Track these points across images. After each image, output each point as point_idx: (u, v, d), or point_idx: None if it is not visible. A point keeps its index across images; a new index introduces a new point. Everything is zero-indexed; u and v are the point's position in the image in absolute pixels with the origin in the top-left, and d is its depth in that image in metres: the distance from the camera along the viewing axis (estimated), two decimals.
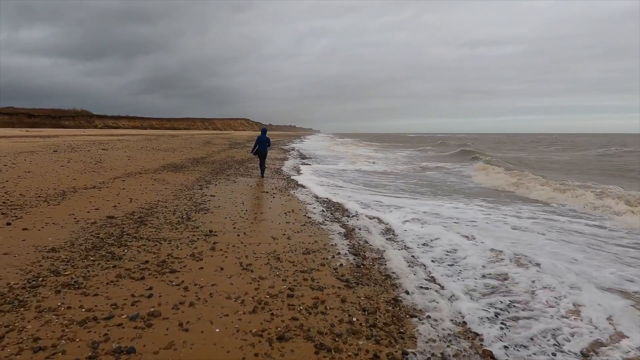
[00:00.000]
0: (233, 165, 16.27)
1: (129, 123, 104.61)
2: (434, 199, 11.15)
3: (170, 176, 11.45)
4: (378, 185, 13.91)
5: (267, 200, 9.02)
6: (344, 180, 14.82)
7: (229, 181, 11.54)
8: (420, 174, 18.48)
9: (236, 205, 8.06)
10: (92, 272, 3.99)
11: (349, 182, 13.95)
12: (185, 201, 7.96)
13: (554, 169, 20.94)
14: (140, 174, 11.18)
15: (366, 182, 14.46)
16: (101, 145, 20.77)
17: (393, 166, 22.23)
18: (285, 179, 13.48)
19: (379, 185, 13.91)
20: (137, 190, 8.57)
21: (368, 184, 13.77)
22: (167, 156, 17.87)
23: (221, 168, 14.84)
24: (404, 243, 6.51)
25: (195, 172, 12.88)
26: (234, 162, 18.16)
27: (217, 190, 9.74)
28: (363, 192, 12.05)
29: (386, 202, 10.25)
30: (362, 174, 17.24)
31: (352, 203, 9.90)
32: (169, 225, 5.99)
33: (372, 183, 14.21)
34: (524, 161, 26.54)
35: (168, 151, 20.85)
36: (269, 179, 13.13)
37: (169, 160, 15.85)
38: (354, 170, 18.49)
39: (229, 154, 23.48)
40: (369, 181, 14.64)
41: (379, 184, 14.20)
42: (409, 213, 9.16)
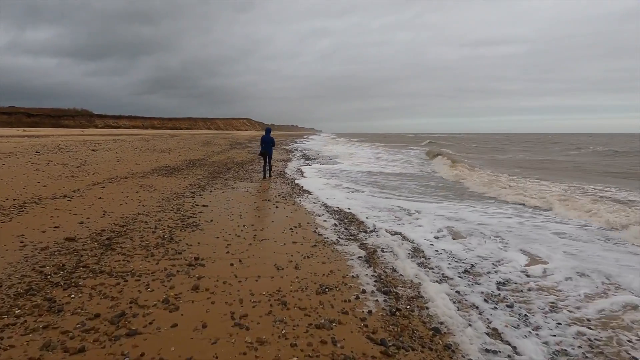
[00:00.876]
0: (232, 168, 14.99)
1: (130, 123, 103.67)
2: (446, 200, 9.92)
3: (160, 181, 10.17)
4: (386, 186, 12.63)
5: (269, 211, 7.71)
6: (352, 181, 13.53)
7: (227, 187, 10.25)
8: (428, 174, 17.14)
9: (232, 218, 6.75)
10: (3, 342, 2.67)
11: (357, 185, 12.64)
12: (172, 214, 6.66)
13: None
14: (125, 179, 9.90)
15: (375, 183, 13.19)
16: (93, 145, 19.53)
17: (401, 167, 20.89)
18: (289, 183, 12.18)
19: (387, 186, 12.63)
20: (115, 200, 7.28)
21: (377, 185, 12.45)
22: (162, 157, 16.60)
23: (219, 171, 13.56)
24: (440, 271, 5.19)
25: (190, 176, 11.59)
26: (234, 164, 16.87)
27: (211, 198, 8.44)
28: (374, 195, 10.74)
29: (403, 206, 9.29)
30: (369, 175, 15.91)
31: (366, 212, 8.65)
32: (143, 250, 4.69)
33: (381, 184, 12.91)
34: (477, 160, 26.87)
35: (164, 152, 19.59)
36: (270, 183, 11.84)
37: (163, 162, 14.57)
38: (361, 172, 17.16)
39: (229, 155, 22.20)
40: (378, 182, 13.34)
41: (386, 185, 12.92)
42: (432, 221, 7.92)
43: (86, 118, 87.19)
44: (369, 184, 13.26)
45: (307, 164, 20.56)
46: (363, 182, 13.65)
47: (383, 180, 14.72)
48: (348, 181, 13.85)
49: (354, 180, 14.32)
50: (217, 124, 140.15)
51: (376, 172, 17.86)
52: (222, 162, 17.37)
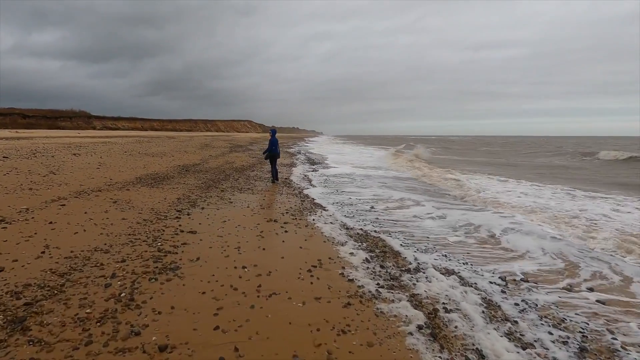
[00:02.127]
0: (231, 175, 13.16)
1: (128, 124, 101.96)
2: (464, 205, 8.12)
3: (142, 194, 8.33)
4: (399, 188, 10.77)
5: (276, 238, 5.88)
6: (365, 188, 11.69)
7: (223, 201, 8.41)
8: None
9: (227, 253, 4.91)
10: None
11: (371, 193, 10.78)
12: (144, 247, 4.82)
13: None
14: (98, 192, 8.07)
15: (390, 187, 11.32)
16: (77, 148, 17.69)
17: (410, 169, 19.05)
18: (297, 194, 10.36)
19: (399, 188, 10.77)
20: (71, 226, 5.44)
21: (393, 191, 10.61)
22: (152, 163, 14.76)
23: (215, 179, 11.73)
24: (552, 355, 3.34)
25: (179, 187, 9.76)
26: (233, 170, 15.04)
27: (202, 219, 6.61)
28: (394, 206, 8.88)
29: (434, 213, 7.31)
30: (382, 180, 14.07)
31: (398, 236, 6.84)
32: (76, 330, 2.85)
33: (397, 188, 11.06)
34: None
35: (156, 156, 17.76)
36: (276, 194, 10.02)
37: (151, 169, 12.74)
38: (373, 177, 15.31)
39: (228, 159, 20.38)
40: (393, 186, 11.49)
41: (397, 187, 11.07)
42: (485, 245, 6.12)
43: (84, 119, 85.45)
44: (388, 189, 11.44)
45: (312, 169, 18.73)
46: (381, 189, 11.82)
47: (395, 183, 12.89)
48: (362, 189, 11.99)
49: (370, 188, 12.47)
50: (217, 126, 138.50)
51: (391, 176, 16.02)
52: (220, 167, 15.55)
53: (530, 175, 18.30)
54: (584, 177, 17.96)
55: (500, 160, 30.59)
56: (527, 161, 30.28)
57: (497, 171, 19.98)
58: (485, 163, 27.59)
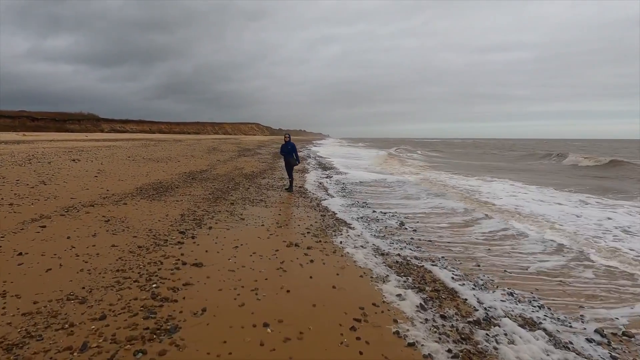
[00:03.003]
0: (241, 183, 12.05)
1: (137, 127, 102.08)
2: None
3: (140, 209, 7.24)
4: (421, 197, 9.50)
5: (301, 272, 4.70)
6: (387, 199, 10.42)
7: (233, 217, 7.28)
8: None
9: (243, 301, 3.74)
10: None
11: (396, 203, 9.53)
12: (134, 293, 3.68)
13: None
14: (90, 207, 6.99)
15: (412, 196, 10.05)
16: (79, 153, 16.75)
17: (423, 171, 17.73)
18: (315, 206, 9.20)
19: (421, 197, 9.50)
20: (46, 257, 4.33)
21: (417, 200, 9.34)
22: (156, 169, 13.73)
23: (224, 189, 10.62)
24: None
25: (184, 199, 8.66)
26: (242, 176, 13.94)
27: (209, 244, 5.47)
28: (425, 221, 7.60)
29: (473, 230, 5.94)
30: (401, 187, 12.80)
31: (443, 264, 5.64)
32: None
33: (419, 196, 9.78)
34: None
35: (161, 161, 16.75)
36: (292, 207, 8.87)
37: (155, 177, 11.68)
38: (390, 183, 14.04)
39: (237, 164, 19.31)
40: (414, 194, 10.20)
41: (419, 195, 9.79)
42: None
43: (92, 122, 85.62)
44: (418, 199, 10.19)
45: (326, 175, 17.54)
46: (409, 199, 10.58)
47: (418, 189, 11.62)
48: (387, 199, 10.74)
49: (396, 198, 11.23)
50: (225, 129, 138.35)
51: (413, 182, 14.76)
52: (229, 174, 14.46)
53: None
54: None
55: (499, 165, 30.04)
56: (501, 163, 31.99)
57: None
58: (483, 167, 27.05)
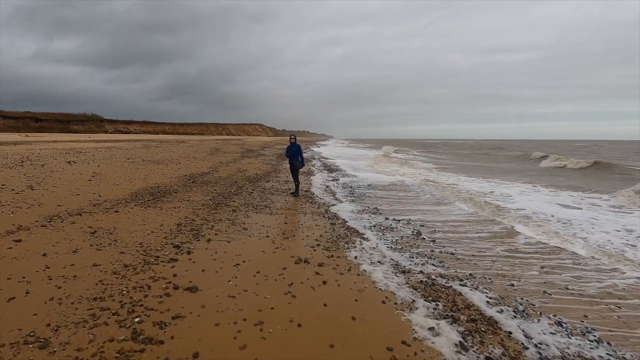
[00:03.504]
0: (244, 187, 11.38)
1: (140, 128, 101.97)
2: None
3: (133, 218, 6.57)
4: (430, 202, 8.74)
5: (314, 299, 3.99)
6: (398, 203, 9.68)
7: (235, 227, 6.60)
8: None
9: (245, 341, 3.02)
10: None
11: (407, 209, 8.78)
12: (110, 332, 2.99)
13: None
14: (78, 215, 6.33)
15: (420, 199, 9.29)
16: (76, 155, 16.15)
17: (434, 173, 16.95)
18: (324, 213, 8.50)
19: (428, 202, 8.73)
20: (12, 281, 3.65)
21: (425, 206, 8.58)
22: (155, 172, 13.10)
23: (226, 193, 9.95)
24: None
25: (183, 205, 8.00)
26: (245, 180, 13.28)
27: (206, 261, 4.78)
28: (443, 229, 6.84)
29: (494, 246, 5.17)
30: (409, 189, 12.05)
31: (474, 284, 4.93)
32: None
33: (427, 201, 9.01)
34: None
35: (161, 163, 16.13)
36: (299, 214, 8.18)
37: (153, 180, 11.04)
38: (398, 185, 13.28)
39: (240, 165, 18.67)
40: (424, 199, 9.42)
41: (426, 200, 9.02)
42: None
43: (96, 123, 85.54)
44: (433, 205, 9.43)
45: (333, 178, 16.83)
46: (422, 203, 9.84)
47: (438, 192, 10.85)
48: (399, 203, 10.02)
49: (411, 202, 10.50)
50: (229, 130, 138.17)
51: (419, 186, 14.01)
52: (231, 177, 13.80)
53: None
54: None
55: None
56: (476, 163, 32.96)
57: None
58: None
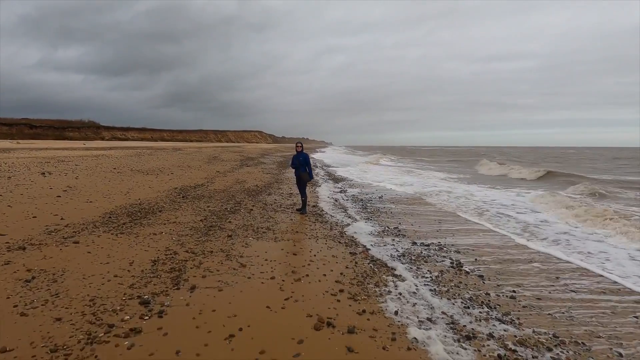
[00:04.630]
0: (242, 202, 9.84)
1: (138, 135, 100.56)
2: None
3: (94, 251, 5.02)
4: (452, 218, 7.17)
5: None
6: (417, 216, 8.06)
7: (229, 261, 5.05)
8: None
9: None
10: None
11: (431, 228, 7.16)
12: None
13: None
14: (20, 250, 4.78)
15: (440, 215, 7.69)
16: (55, 165, 14.59)
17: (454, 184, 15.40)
18: (339, 237, 6.97)
19: (450, 219, 7.16)
20: None
21: (451, 224, 6.98)
22: (141, 185, 11.56)
23: (221, 211, 8.42)
24: None
25: (166, 230, 6.45)
26: (244, 193, 11.75)
27: (186, 326, 3.23)
28: (486, 260, 5.25)
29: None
30: (429, 201, 10.49)
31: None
32: None
33: (447, 218, 7.42)
34: None
35: (151, 174, 14.59)
36: (310, 239, 6.63)
37: (137, 195, 9.50)
38: (414, 197, 11.71)
39: (238, 176, 17.13)
40: (443, 217, 7.81)
41: (445, 218, 7.45)
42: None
43: (92, 130, 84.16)
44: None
45: (340, 189, 15.29)
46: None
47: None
48: (415, 232, 8.46)
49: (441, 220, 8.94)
50: (228, 137, 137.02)
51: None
52: (228, 189, 12.27)
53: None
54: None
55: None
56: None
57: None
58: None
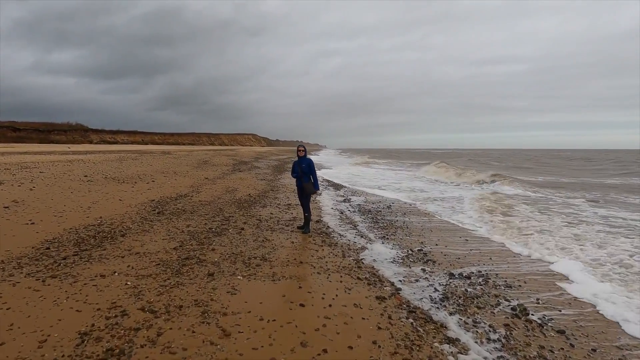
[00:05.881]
0: (231, 218, 8.15)
1: (128, 138, 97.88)
2: None
3: None
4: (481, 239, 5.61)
5: None
6: (447, 237, 6.39)
7: (205, 326, 3.37)
8: None
9: None
10: None
11: (468, 250, 5.51)
12: None
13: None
14: None
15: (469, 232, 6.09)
16: (14, 172, 12.67)
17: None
18: (355, 269, 5.32)
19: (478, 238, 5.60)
20: None
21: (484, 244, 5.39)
22: (111, 196, 9.78)
23: (203, 234, 6.71)
24: None
25: (121, 268, 4.75)
26: (235, 205, 10.04)
27: None
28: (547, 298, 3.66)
29: None
30: (444, 209, 8.90)
31: None
32: None
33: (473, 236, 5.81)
34: None
35: (127, 182, 12.79)
36: (321, 274, 4.98)
37: (100, 211, 7.74)
38: (425, 205, 10.10)
39: (229, 183, 15.39)
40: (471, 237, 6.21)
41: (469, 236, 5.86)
42: None
43: (80, 133, 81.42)
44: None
45: (343, 198, 13.66)
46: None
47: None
48: (442, 254, 6.87)
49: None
50: (221, 139, 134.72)
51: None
52: (216, 201, 10.55)
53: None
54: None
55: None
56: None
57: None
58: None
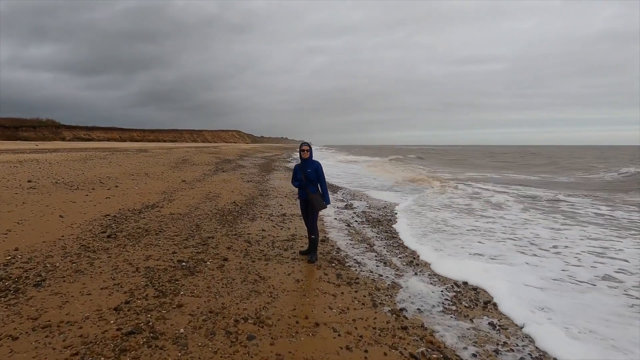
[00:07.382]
0: (211, 242, 6.04)
1: (104, 135, 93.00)
2: None
3: None
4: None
5: None
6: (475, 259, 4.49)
7: None
8: None
9: None
10: None
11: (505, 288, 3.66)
12: None
13: None
14: None
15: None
16: None
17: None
18: (399, 336, 3.32)
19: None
20: None
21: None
22: (51, 209, 7.45)
23: (166, 272, 4.59)
24: None
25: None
26: (215, 218, 7.89)
27: None
28: None
29: None
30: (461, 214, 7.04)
31: None
32: None
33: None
34: None
35: (82, 189, 10.37)
36: (342, 354, 2.95)
37: (21, 236, 5.50)
38: (433, 211, 8.24)
39: (210, 186, 13.10)
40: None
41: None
42: None
43: (51, 129, 76.40)
44: None
45: (345, 204, 11.69)
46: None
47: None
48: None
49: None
50: (204, 136, 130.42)
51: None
52: (193, 212, 8.36)
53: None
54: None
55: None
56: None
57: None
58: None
